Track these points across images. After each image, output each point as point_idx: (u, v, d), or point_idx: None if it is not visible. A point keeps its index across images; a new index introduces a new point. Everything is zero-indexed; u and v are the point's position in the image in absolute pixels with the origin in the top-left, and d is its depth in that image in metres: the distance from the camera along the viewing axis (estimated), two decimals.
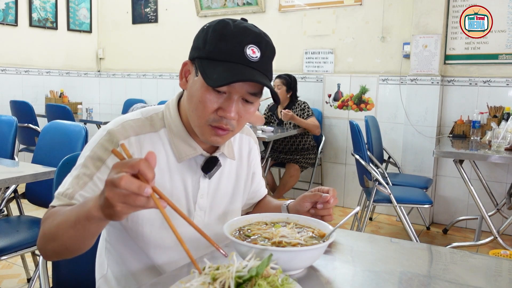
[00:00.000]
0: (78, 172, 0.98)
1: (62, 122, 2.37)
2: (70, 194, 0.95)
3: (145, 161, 0.71)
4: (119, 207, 0.71)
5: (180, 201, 1.07)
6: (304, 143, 4.09)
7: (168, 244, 1.05)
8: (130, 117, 1.06)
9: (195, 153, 1.06)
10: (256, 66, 0.95)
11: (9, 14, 4.91)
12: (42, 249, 0.94)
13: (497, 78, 3.60)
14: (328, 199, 1.09)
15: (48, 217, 0.93)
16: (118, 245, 1.08)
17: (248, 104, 0.99)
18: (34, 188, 2.28)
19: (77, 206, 0.84)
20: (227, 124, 0.98)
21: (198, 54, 0.98)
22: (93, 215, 0.77)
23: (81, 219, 0.80)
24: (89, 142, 1.03)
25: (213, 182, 1.12)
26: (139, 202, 0.70)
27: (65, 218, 0.85)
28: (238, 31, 0.95)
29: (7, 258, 1.94)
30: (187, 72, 1.03)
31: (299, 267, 0.90)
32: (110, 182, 0.70)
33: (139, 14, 5.57)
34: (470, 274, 0.95)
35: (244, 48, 0.94)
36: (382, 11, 4.04)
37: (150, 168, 0.71)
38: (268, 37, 1.00)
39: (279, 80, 4.03)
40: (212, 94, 0.95)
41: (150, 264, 1.06)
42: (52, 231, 0.88)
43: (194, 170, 1.08)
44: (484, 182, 3.54)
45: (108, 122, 1.08)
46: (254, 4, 4.67)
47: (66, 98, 5.10)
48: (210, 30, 0.97)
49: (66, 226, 0.84)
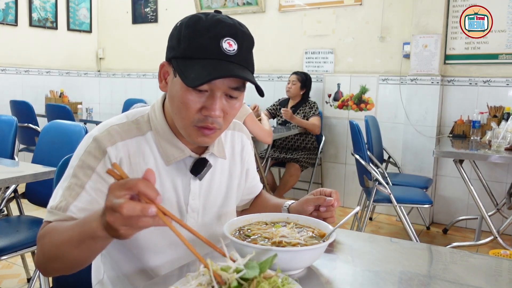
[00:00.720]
0: (69, 183, 0.95)
1: (62, 122, 2.37)
2: (63, 207, 0.92)
3: (143, 181, 0.69)
4: (122, 230, 0.70)
5: (171, 204, 1.05)
6: (307, 142, 4.10)
7: (161, 248, 1.04)
8: (115, 122, 1.03)
9: (183, 155, 1.03)
10: (234, 60, 0.91)
11: (9, 14, 4.91)
12: (42, 267, 0.91)
13: (497, 78, 3.60)
14: (332, 203, 1.09)
15: (45, 235, 0.90)
16: (112, 250, 1.07)
17: (232, 99, 0.96)
18: (34, 188, 2.28)
19: (78, 225, 0.81)
20: (213, 122, 0.95)
21: (173, 53, 0.95)
22: (98, 235, 0.75)
23: (85, 239, 0.78)
24: (76, 151, 1.00)
25: (205, 183, 1.10)
26: (144, 223, 0.69)
27: (67, 238, 0.82)
28: (212, 25, 0.91)
29: (7, 258, 1.94)
30: (165, 74, 1.00)
31: (299, 267, 0.90)
32: (110, 207, 0.69)
33: (139, 14, 5.57)
34: (470, 274, 0.95)
35: (220, 42, 0.90)
36: (382, 11, 4.04)
37: (151, 188, 0.69)
38: (244, 27, 0.97)
39: (295, 76, 4.10)
40: (193, 94, 0.92)
41: (144, 267, 1.05)
42: (53, 252, 0.86)
43: (184, 172, 1.06)
44: (484, 182, 3.54)
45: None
46: (254, 4, 4.67)
47: (66, 98, 5.10)
48: (183, 27, 0.94)
49: (70, 246, 0.81)
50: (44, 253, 0.88)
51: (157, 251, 1.04)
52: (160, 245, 1.04)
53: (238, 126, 1.22)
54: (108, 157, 0.97)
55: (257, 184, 1.31)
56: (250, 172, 1.26)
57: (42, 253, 0.89)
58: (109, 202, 0.69)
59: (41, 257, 0.89)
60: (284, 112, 3.90)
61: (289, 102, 4.20)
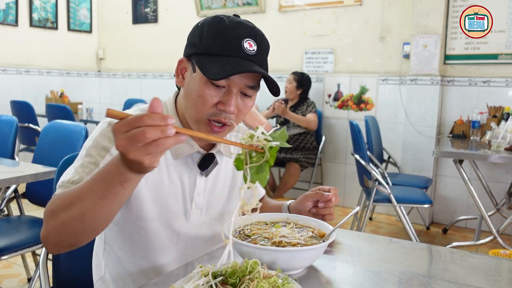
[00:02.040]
0: (82, 161, 0.96)
1: (63, 122, 2.37)
2: (77, 180, 0.91)
3: (147, 114, 0.65)
4: (147, 160, 0.67)
5: (177, 198, 1.06)
6: (306, 142, 4.10)
7: (165, 245, 1.05)
8: (130, 112, 1.04)
9: (192, 150, 1.06)
10: (253, 59, 0.96)
11: (10, 14, 4.92)
12: (54, 235, 0.83)
13: (496, 78, 3.60)
14: (330, 198, 1.10)
15: (57, 202, 0.83)
16: (115, 247, 1.08)
17: (246, 98, 1.00)
18: (35, 188, 2.29)
19: (98, 177, 0.77)
20: (226, 118, 0.98)
21: (194, 50, 0.99)
22: (127, 178, 0.72)
23: (111, 187, 0.74)
24: (90, 135, 1.02)
25: (210, 181, 1.12)
26: (166, 145, 0.67)
27: (89, 192, 0.78)
28: (234, 26, 0.96)
29: (8, 258, 1.94)
30: (183, 70, 1.04)
31: (299, 267, 0.90)
32: (128, 141, 0.66)
33: (139, 14, 5.57)
34: (470, 273, 0.95)
35: (241, 41, 0.95)
36: (382, 11, 4.04)
37: (157, 117, 0.65)
38: (261, 31, 1.01)
39: (292, 76, 4.11)
40: (211, 88, 0.96)
41: (147, 265, 1.06)
42: (74, 209, 0.79)
43: (191, 167, 1.08)
44: (483, 182, 3.55)
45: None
46: (254, 4, 4.67)
47: (67, 98, 5.10)
48: (205, 26, 0.98)
49: (93, 199, 0.76)
50: (60, 217, 0.81)
51: (161, 249, 1.05)
52: (164, 243, 1.05)
53: (243, 130, 1.25)
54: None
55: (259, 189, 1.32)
56: None
57: (57, 219, 0.81)
58: (123, 138, 0.66)
59: (53, 224, 0.82)
60: (277, 105, 3.89)
61: (288, 102, 4.21)
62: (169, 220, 1.05)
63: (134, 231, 1.04)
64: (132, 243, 1.05)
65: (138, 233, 1.04)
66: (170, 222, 1.06)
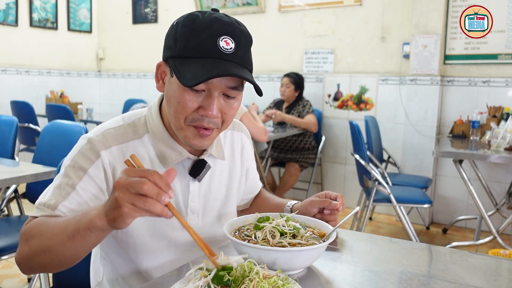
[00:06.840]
0: (60, 181, 0.95)
1: (63, 122, 2.37)
2: (52, 205, 0.91)
3: (160, 174, 0.70)
4: (126, 209, 0.70)
5: None
6: (305, 142, 4.10)
7: (158, 250, 1.04)
8: (111, 125, 1.02)
9: (181, 157, 1.02)
10: (231, 58, 0.89)
11: (10, 14, 4.91)
12: (25, 263, 0.87)
13: (496, 78, 3.60)
14: (338, 207, 1.08)
15: (33, 228, 0.88)
16: (111, 253, 1.06)
17: (230, 99, 0.95)
18: (35, 188, 2.29)
19: (75, 217, 0.81)
20: (209, 123, 0.93)
21: (170, 53, 0.94)
22: (95, 224, 0.76)
23: (80, 230, 0.78)
24: (70, 151, 0.99)
25: (204, 185, 1.08)
26: (152, 208, 0.69)
27: (61, 228, 0.81)
28: (208, 23, 0.90)
29: (8, 258, 1.94)
30: (162, 74, 0.99)
31: (299, 267, 0.90)
32: (124, 184, 0.70)
33: (139, 14, 5.57)
34: (470, 273, 0.95)
35: (217, 40, 0.88)
36: (382, 11, 4.04)
37: (165, 181, 0.70)
38: (242, 25, 0.95)
39: (287, 79, 4.10)
40: (190, 93, 0.91)
41: (141, 270, 1.05)
42: (43, 244, 0.83)
43: (183, 174, 1.04)
44: (483, 182, 3.55)
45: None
46: (254, 4, 4.67)
47: (67, 98, 5.10)
48: (179, 27, 0.92)
49: (63, 237, 0.80)
50: (31, 246, 0.85)
51: (153, 254, 1.03)
52: (156, 248, 1.03)
53: (238, 126, 1.21)
54: (101, 161, 0.96)
55: (257, 183, 1.31)
56: (250, 172, 1.25)
57: (28, 247, 0.86)
58: (123, 180, 0.70)
59: (25, 251, 0.86)
60: (276, 117, 3.96)
61: (284, 103, 4.21)
62: (165, 232, 1.03)
63: (130, 243, 1.02)
64: (128, 251, 1.03)
65: (133, 244, 1.02)
66: (166, 234, 1.03)
